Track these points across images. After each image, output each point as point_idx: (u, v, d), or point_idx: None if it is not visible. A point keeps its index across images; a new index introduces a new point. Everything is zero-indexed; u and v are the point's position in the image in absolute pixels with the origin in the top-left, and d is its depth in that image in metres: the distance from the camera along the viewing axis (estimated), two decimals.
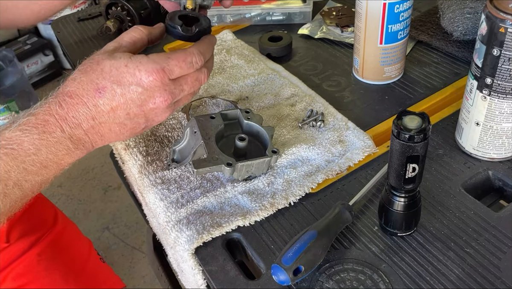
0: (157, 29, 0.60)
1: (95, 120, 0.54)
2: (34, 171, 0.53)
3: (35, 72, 2.66)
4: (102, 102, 0.53)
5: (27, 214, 0.87)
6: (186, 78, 0.57)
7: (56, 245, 0.89)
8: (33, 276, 0.85)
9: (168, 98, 0.55)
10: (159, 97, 0.55)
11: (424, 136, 0.49)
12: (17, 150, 0.51)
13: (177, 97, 0.57)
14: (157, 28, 0.60)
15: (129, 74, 0.53)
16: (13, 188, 0.52)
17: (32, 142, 0.51)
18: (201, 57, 0.57)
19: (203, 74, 0.58)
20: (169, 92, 0.55)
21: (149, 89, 0.54)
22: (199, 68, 0.57)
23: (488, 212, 0.60)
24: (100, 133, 0.55)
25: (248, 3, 1.02)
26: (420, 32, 0.92)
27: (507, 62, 0.57)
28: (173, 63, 0.54)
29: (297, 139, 0.72)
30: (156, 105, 0.55)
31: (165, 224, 0.64)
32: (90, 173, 2.20)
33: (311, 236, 0.54)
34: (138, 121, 0.56)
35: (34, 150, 0.52)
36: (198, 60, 0.56)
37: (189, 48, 0.57)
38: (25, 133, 0.51)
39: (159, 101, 0.55)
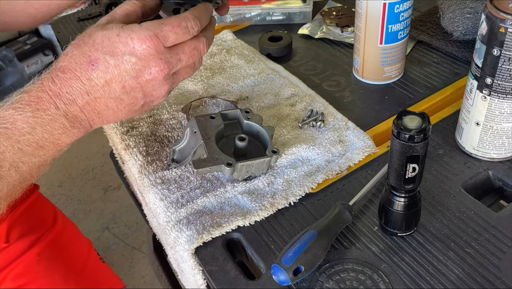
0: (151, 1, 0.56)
1: (89, 96, 0.52)
2: (30, 152, 0.51)
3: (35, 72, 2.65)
4: (96, 76, 0.51)
5: (27, 214, 0.87)
6: (183, 46, 0.53)
7: (55, 245, 0.89)
8: (32, 276, 0.85)
9: (164, 67, 0.52)
10: (154, 66, 0.52)
11: (424, 136, 0.49)
12: (10, 128, 0.49)
13: (175, 68, 0.54)
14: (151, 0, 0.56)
15: (121, 44, 0.51)
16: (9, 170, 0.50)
17: (26, 120, 0.50)
18: (197, 22, 0.53)
19: (202, 44, 0.55)
20: (165, 61, 0.52)
21: (143, 58, 0.51)
22: (196, 36, 0.54)
23: (488, 212, 0.60)
24: (97, 110, 0.53)
25: (248, 3, 1.02)
26: (420, 32, 0.92)
27: (507, 62, 0.57)
28: (167, 29, 0.51)
29: (297, 139, 0.72)
30: (152, 76, 0.53)
31: (165, 224, 0.64)
32: (90, 173, 2.20)
33: (311, 236, 0.54)
34: (135, 96, 0.54)
35: (29, 128, 0.50)
36: (194, 25, 0.53)
37: (184, 13, 0.54)
38: (18, 112, 0.49)
39: (155, 71, 0.52)
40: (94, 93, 0.52)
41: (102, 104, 0.53)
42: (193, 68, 0.57)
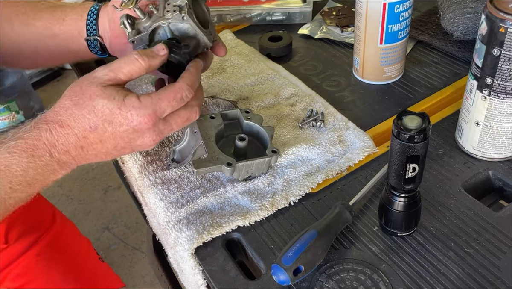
0: (158, 61, 0.57)
1: (83, 149, 0.56)
2: (20, 189, 0.54)
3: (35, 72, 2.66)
4: (92, 136, 0.55)
5: (26, 214, 0.86)
6: (176, 118, 0.58)
7: (54, 245, 0.89)
8: (32, 276, 0.85)
9: (156, 138, 0.57)
10: (148, 137, 0.56)
11: (424, 136, 0.49)
12: (4, 171, 0.52)
13: (165, 135, 0.58)
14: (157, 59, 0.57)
15: (121, 116, 0.54)
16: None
17: (20, 165, 0.53)
18: (191, 90, 0.57)
19: (194, 114, 0.59)
20: (158, 133, 0.57)
21: (139, 130, 0.55)
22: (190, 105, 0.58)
23: (488, 212, 0.60)
24: (86, 158, 0.57)
25: (248, 3, 1.02)
26: (420, 32, 0.92)
27: (507, 62, 0.57)
28: (164, 104, 0.55)
29: (297, 139, 0.72)
30: (144, 143, 0.57)
31: (165, 224, 0.64)
32: (90, 173, 2.20)
33: (311, 236, 0.54)
34: (124, 151, 0.58)
35: (22, 171, 0.53)
36: (188, 93, 0.57)
37: (178, 83, 0.57)
38: (13, 156, 0.53)
39: (147, 140, 0.57)
40: (87, 148, 0.56)
41: (92, 155, 0.57)
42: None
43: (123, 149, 0.57)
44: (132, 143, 0.57)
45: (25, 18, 0.71)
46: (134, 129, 0.55)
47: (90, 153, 0.56)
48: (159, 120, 0.56)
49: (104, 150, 0.56)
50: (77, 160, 0.57)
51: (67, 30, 0.70)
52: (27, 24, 0.70)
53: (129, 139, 0.56)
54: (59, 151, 0.54)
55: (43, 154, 0.54)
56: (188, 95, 0.57)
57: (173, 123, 0.58)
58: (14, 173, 0.53)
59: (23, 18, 0.71)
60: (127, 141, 0.56)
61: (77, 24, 0.69)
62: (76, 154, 0.56)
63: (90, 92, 0.54)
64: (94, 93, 0.54)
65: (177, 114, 0.58)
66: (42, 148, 0.54)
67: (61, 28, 0.70)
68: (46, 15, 0.70)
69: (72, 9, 0.70)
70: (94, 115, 0.54)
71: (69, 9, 0.70)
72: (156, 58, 0.57)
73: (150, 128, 0.56)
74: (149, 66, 0.56)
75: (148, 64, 0.56)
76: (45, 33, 0.70)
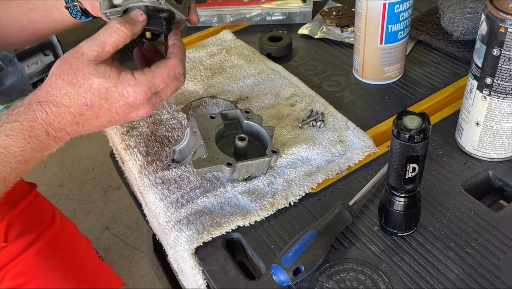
0: (139, 27, 0.58)
1: (78, 125, 0.57)
2: (18, 167, 0.56)
3: (35, 72, 2.66)
4: (89, 113, 0.56)
5: (25, 213, 0.86)
6: (166, 90, 0.60)
7: (54, 243, 0.89)
8: (31, 275, 0.85)
9: (150, 110, 0.59)
10: (141, 110, 0.58)
11: (424, 136, 0.49)
12: (3, 153, 0.54)
13: (156, 106, 0.60)
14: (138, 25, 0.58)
15: (117, 94, 0.56)
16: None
17: (18, 146, 0.54)
18: (182, 65, 0.59)
19: (181, 83, 0.61)
20: (151, 105, 0.59)
21: (134, 105, 0.58)
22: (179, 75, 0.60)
23: (488, 212, 0.60)
24: (80, 132, 0.59)
25: (248, 3, 1.02)
26: (420, 32, 0.92)
27: (507, 62, 0.57)
28: (158, 81, 0.58)
29: (297, 139, 0.72)
30: (138, 116, 0.59)
31: (165, 224, 0.64)
32: (90, 173, 2.20)
33: (311, 236, 0.54)
34: (117, 123, 0.60)
35: (20, 152, 0.55)
36: (181, 69, 0.59)
37: (172, 60, 0.59)
38: (12, 138, 0.54)
39: (141, 113, 0.59)
40: (82, 123, 0.57)
41: (86, 130, 0.59)
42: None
43: (116, 122, 0.59)
44: (126, 117, 0.59)
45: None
46: (129, 105, 0.57)
47: (85, 128, 0.58)
48: (152, 94, 0.58)
49: (99, 124, 0.58)
50: (71, 134, 0.58)
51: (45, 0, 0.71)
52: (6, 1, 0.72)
53: (124, 113, 0.58)
54: (55, 128, 0.56)
55: (40, 133, 0.55)
56: (180, 71, 0.59)
57: (163, 94, 0.60)
58: (13, 154, 0.54)
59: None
60: (122, 115, 0.58)
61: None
62: (71, 130, 0.57)
63: (83, 71, 0.55)
64: (88, 72, 0.55)
65: (167, 86, 0.59)
66: (38, 128, 0.55)
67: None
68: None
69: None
70: (90, 94, 0.55)
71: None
72: (137, 25, 0.58)
73: (145, 102, 0.58)
74: (133, 34, 0.57)
75: (131, 31, 0.57)
76: (25, 6, 0.72)
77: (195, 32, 1.03)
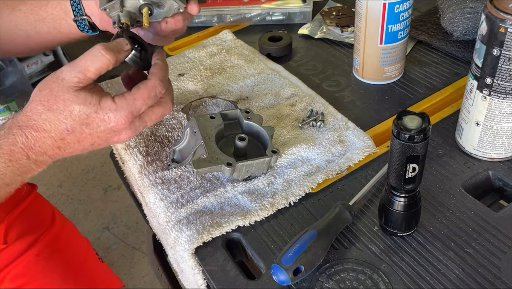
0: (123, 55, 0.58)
1: (60, 149, 0.57)
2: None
3: (35, 72, 2.66)
4: (70, 138, 0.56)
5: (25, 214, 0.86)
6: (151, 115, 0.59)
7: (54, 245, 0.89)
8: (31, 276, 0.84)
9: (132, 134, 0.58)
10: (124, 134, 0.58)
11: (424, 136, 0.49)
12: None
13: (139, 131, 0.59)
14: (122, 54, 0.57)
15: (98, 119, 0.55)
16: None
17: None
18: (163, 85, 0.58)
19: (168, 110, 0.61)
20: (134, 129, 0.58)
21: (116, 130, 0.57)
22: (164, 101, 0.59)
23: (488, 212, 0.60)
24: (62, 155, 0.58)
25: (248, 3, 1.02)
26: (420, 32, 0.92)
27: (507, 62, 0.57)
28: (139, 104, 0.56)
29: (297, 139, 0.72)
30: (120, 140, 0.59)
31: (165, 224, 0.64)
32: (90, 173, 2.20)
33: (311, 236, 0.54)
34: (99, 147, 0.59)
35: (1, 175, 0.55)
36: (162, 89, 0.58)
37: (151, 81, 0.57)
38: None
39: (123, 137, 0.58)
40: (64, 147, 0.57)
41: (68, 153, 0.58)
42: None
43: (99, 145, 0.59)
44: (109, 141, 0.58)
45: (12, 4, 0.71)
46: (111, 130, 0.56)
47: (67, 151, 0.58)
48: (134, 118, 0.57)
49: (81, 147, 0.58)
50: (54, 158, 0.58)
51: (53, 12, 0.70)
52: (14, 10, 0.71)
53: (106, 138, 0.58)
54: (36, 152, 0.56)
55: (20, 157, 0.55)
56: (161, 91, 0.58)
57: (147, 120, 0.59)
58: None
59: (10, 4, 0.71)
60: (104, 140, 0.58)
61: (62, 5, 0.70)
62: (53, 154, 0.57)
63: (63, 98, 0.54)
64: (68, 99, 0.54)
65: (151, 111, 0.59)
66: (18, 152, 0.55)
67: (47, 11, 0.70)
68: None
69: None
70: (71, 120, 0.55)
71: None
72: (121, 53, 0.57)
73: (127, 127, 0.57)
74: (116, 61, 0.56)
75: (115, 59, 0.56)
76: (33, 17, 0.71)
77: (195, 32, 1.03)
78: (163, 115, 0.61)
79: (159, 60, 0.60)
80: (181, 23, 0.65)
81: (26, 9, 0.71)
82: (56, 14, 0.70)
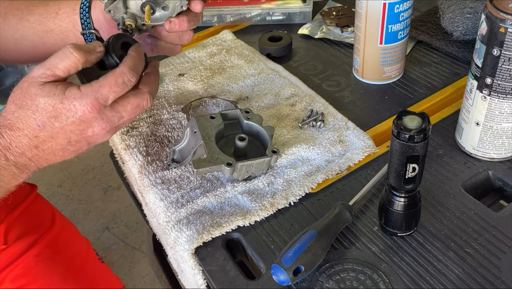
0: (94, 56, 0.57)
1: (38, 149, 0.56)
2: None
3: None
4: (43, 134, 0.55)
5: (25, 215, 0.86)
6: (125, 105, 0.57)
7: (54, 245, 0.89)
8: (31, 277, 0.84)
9: (106, 126, 0.56)
10: (97, 126, 0.56)
11: (424, 136, 0.49)
12: None
13: (116, 124, 0.57)
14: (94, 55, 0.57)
15: (65, 110, 0.54)
16: None
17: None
18: (133, 73, 0.56)
19: (145, 101, 0.58)
20: (107, 120, 0.56)
21: (86, 120, 0.55)
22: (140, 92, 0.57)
23: (488, 212, 0.60)
24: (45, 158, 0.57)
25: (248, 3, 1.02)
26: (420, 32, 0.92)
27: (507, 62, 0.57)
28: (106, 90, 0.55)
29: (297, 139, 0.72)
30: (95, 133, 0.56)
31: (165, 224, 0.64)
32: (90, 173, 2.20)
33: (311, 236, 0.54)
34: (80, 145, 0.58)
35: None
36: (131, 77, 0.56)
37: (119, 68, 0.56)
38: None
39: (97, 129, 0.56)
40: (41, 146, 0.56)
41: (49, 154, 0.57)
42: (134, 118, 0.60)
43: (78, 143, 0.57)
44: (84, 135, 0.56)
45: (20, 13, 0.71)
46: (80, 120, 0.55)
47: (46, 152, 0.56)
48: (104, 107, 0.55)
49: (59, 146, 0.56)
50: (36, 161, 0.57)
51: (62, 24, 0.70)
52: (22, 19, 0.71)
53: (79, 131, 0.56)
54: (14, 153, 0.55)
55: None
56: (130, 79, 0.56)
57: (122, 110, 0.57)
58: None
59: (17, 13, 0.71)
60: (78, 134, 0.56)
61: (71, 18, 0.69)
62: (32, 155, 0.56)
63: (30, 93, 0.54)
64: (34, 93, 0.54)
65: (126, 101, 0.57)
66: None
67: (56, 23, 0.70)
68: (39, 10, 0.71)
69: (65, 3, 0.70)
70: (39, 114, 0.54)
71: (62, 3, 0.70)
72: (93, 54, 0.56)
73: (97, 116, 0.55)
74: (86, 61, 0.56)
75: (84, 58, 0.55)
76: (40, 28, 0.71)
77: (195, 32, 1.03)
78: (140, 107, 0.58)
79: (133, 52, 0.59)
80: (185, 24, 0.64)
81: (34, 19, 0.71)
82: (64, 26, 0.70)
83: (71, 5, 0.70)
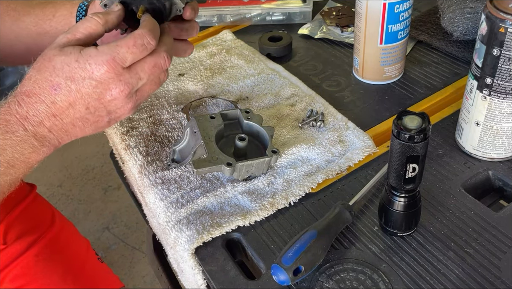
0: (113, 15, 0.56)
1: (56, 117, 0.54)
2: (2, 171, 0.53)
3: None
4: (60, 99, 0.53)
5: (24, 215, 0.86)
6: (142, 65, 0.54)
7: (53, 245, 0.89)
8: (31, 277, 0.84)
9: (125, 88, 0.54)
10: (115, 88, 0.53)
11: (424, 136, 0.49)
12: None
13: (136, 87, 0.55)
14: (112, 14, 0.56)
15: (80, 69, 0.52)
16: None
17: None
18: (152, 36, 0.54)
19: (163, 59, 0.56)
20: (125, 82, 0.53)
21: (103, 81, 0.53)
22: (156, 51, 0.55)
23: (488, 212, 0.60)
24: (64, 129, 0.55)
25: (248, 3, 1.02)
26: (420, 32, 0.92)
27: (507, 62, 0.57)
28: (124, 50, 0.52)
29: (297, 139, 0.72)
30: (114, 97, 0.54)
31: (165, 224, 0.64)
32: (90, 173, 2.20)
33: (311, 236, 0.54)
34: (100, 114, 0.55)
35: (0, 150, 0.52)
36: (150, 40, 0.53)
37: (138, 30, 0.54)
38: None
39: (115, 92, 0.54)
40: (60, 115, 0.54)
41: (68, 124, 0.55)
42: (158, 83, 0.58)
43: (97, 111, 0.55)
44: (103, 100, 0.54)
45: (16, 14, 0.70)
46: (97, 81, 0.52)
47: (65, 121, 0.54)
48: (122, 69, 0.53)
49: (78, 114, 0.54)
50: (55, 133, 0.55)
51: (57, 27, 0.69)
52: (17, 20, 0.70)
53: (97, 95, 0.53)
54: (32, 123, 0.53)
55: (17, 128, 0.52)
56: (150, 42, 0.53)
57: (140, 70, 0.54)
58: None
59: (13, 14, 0.71)
60: (97, 98, 0.53)
61: (67, 20, 0.69)
62: (51, 124, 0.54)
63: (49, 55, 0.53)
64: (53, 54, 0.53)
65: (143, 61, 0.54)
66: (14, 122, 0.52)
67: (52, 25, 0.69)
68: (36, 11, 0.70)
69: (62, 5, 0.70)
70: (55, 75, 0.52)
71: (59, 5, 0.70)
72: (110, 14, 0.56)
73: (114, 77, 0.53)
74: (106, 22, 0.55)
75: (104, 19, 0.55)
76: (35, 30, 0.70)
77: None
78: (157, 66, 0.55)
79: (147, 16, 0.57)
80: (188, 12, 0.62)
81: (29, 21, 0.70)
82: (60, 29, 0.69)
83: (68, 8, 0.69)
